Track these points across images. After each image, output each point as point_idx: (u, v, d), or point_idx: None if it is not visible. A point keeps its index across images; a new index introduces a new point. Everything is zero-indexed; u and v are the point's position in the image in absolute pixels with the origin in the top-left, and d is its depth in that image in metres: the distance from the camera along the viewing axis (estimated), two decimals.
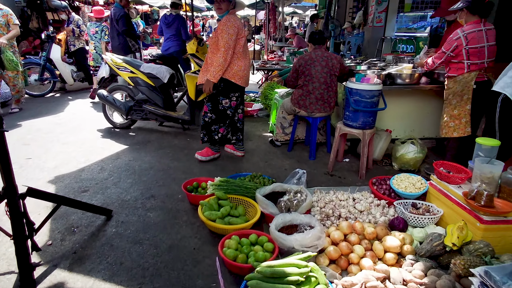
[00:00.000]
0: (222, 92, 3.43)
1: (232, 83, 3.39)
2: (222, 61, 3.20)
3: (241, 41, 3.32)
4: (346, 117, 3.37)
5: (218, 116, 3.52)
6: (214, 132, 3.58)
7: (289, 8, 18.87)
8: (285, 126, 4.16)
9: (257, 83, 8.82)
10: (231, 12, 3.33)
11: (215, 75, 3.24)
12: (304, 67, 3.58)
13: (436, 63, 3.11)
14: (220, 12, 3.29)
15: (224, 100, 3.46)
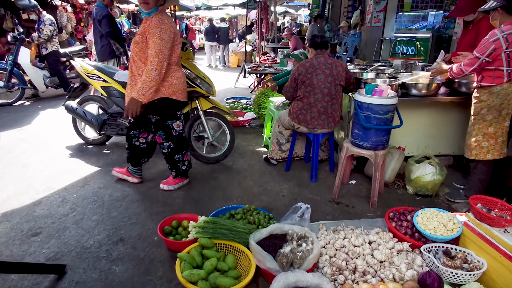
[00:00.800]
0: (168, 114, 2.82)
1: (175, 101, 2.78)
2: (156, 74, 2.51)
3: (177, 48, 2.71)
4: (354, 136, 2.86)
5: (176, 143, 2.95)
6: (179, 162, 3.03)
7: (281, 8, 18.37)
8: (282, 143, 3.64)
9: (248, 87, 8.28)
10: (162, 10, 2.64)
11: (145, 93, 2.52)
12: (304, 76, 3.06)
13: (466, 71, 2.59)
14: (147, 7, 2.55)
15: (175, 123, 2.89)
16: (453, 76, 2.71)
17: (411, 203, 3.00)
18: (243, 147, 4.24)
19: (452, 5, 6.84)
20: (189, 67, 3.51)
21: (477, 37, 3.36)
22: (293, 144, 3.51)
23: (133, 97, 2.55)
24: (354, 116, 2.85)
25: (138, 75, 2.64)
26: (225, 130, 3.76)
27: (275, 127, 3.64)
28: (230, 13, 20.16)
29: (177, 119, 2.89)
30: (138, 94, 2.53)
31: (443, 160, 3.51)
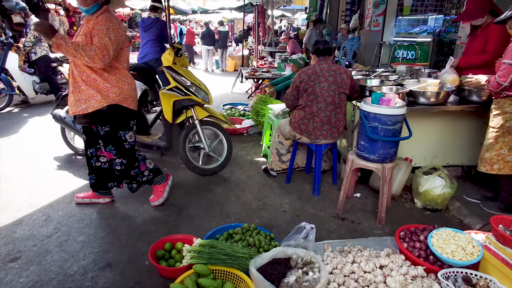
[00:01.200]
0: (120, 124, 2.49)
1: (126, 109, 2.48)
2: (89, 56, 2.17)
3: (126, 52, 2.47)
4: (360, 148, 2.68)
5: (129, 157, 2.61)
6: (138, 176, 2.70)
7: (278, 11, 18.27)
8: (282, 153, 3.45)
9: (246, 92, 8.11)
10: (106, 9, 2.33)
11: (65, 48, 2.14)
12: (306, 83, 2.88)
13: (504, 82, 2.34)
14: (85, 3, 2.25)
15: (128, 134, 2.56)
16: (491, 90, 2.53)
17: (420, 219, 2.83)
18: (241, 157, 4.05)
19: (453, 9, 6.72)
20: (184, 74, 3.32)
21: (486, 42, 3.21)
22: (294, 155, 3.33)
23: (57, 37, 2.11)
24: (360, 126, 2.67)
25: (82, 81, 2.32)
26: (222, 140, 3.57)
27: (274, 137, 3.45)
28: (226, 16, 20.06)
29: (130, 130, 2.57)
30: (61, 41, 2.12)
31: (451, 170, 3.34)
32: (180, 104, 3.35)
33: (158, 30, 5.07)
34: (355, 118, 3.18)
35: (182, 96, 3.32)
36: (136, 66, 4.95)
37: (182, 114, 3.43)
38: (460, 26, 4.71)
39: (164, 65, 3.36)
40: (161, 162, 3.80)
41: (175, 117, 3.43)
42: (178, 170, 3.60)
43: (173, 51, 3.30)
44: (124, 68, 2.48)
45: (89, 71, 2.32)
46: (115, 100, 2.39)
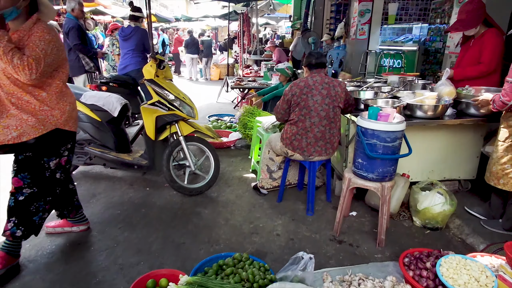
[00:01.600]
0: (48, 150, 2.11)
1: (67, 133, 2.17)
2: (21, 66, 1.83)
3: (65, 68, 2.13)
4: (357, 166, 2.51)
5: (41, 187, 2.14)
6: (35, 214, 2.14)
7: (262, 19, 18.26)
8: (273, 170, 3.26)
9: (232, 102, 7.91)
10: (38, 19, 1.98)
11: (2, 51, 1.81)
12: (298, 97, 2.70)
13: (510, 102, 2.24)
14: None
15: (53, 162, 2.15)
16: (497, 109, 2.41)
17: (421, 239, 2.67)
18: (229, 173, 3.83)
19: (437, 18, 6.74)
20: (167, 87, 3.11)
21: (481, 52, 3.13)
22: (286, 173, 3.14)
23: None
24: (357, 143, 2.51)
25: (11, 104, 1.96)
26: (209, 157, 3.36)
27: (264, 153, 3.26)
28: (210, 24, 19.92)
29: (58, 156, 2.17)
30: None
31: (448, 185, 3.22)
32: (164, 120, 3.13)
33: (139, 39, 4.85)
34: (349, 132, 3.03)
35: (166, 111, 3.10)
36: (117, 77, 4.71)
37: (165, 130, 3.20)
38: (448, 35, 4.65)
39: (145, 78, 3.14)
40: (143, 181, 3.55)
41: (158, 133, 3.21)
42: (162, 190, 3.35)
43: (155, 63, 3.08)
44: (65, 86, 2.16)
45: (20, 92, 1.96)
46: (56, 124, 2.06)
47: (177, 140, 3.20)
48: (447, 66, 4.70)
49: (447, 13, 6.51)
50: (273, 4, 13.33)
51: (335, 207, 3.12)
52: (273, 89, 5.73)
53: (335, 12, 10.33)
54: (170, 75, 3.29)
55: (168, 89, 3.09)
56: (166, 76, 3.25)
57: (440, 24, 6.70)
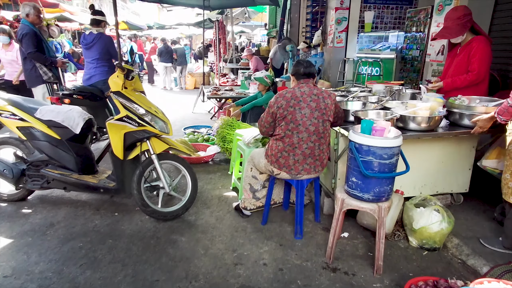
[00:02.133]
0: None
1: None
2: None
3: None
4: (351, 185, 2.28)
5: None
6: None
7: (237, 27, 18.13)
8: (257, 189, 2.98)
9: (208, 112, 7.59)
10: None
11: None
12: (285, 109, 2.45)
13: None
14: None
15: None
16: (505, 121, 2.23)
17: (419, 262, 2.47)
18: (208, 192, 3.52)
19: (413, 27, 6.77)
20: (137, 100, 2.78)
21: (469, 60, 3.02)
22: (271, 192, 2.87)
23: None
24: (350, 160, 2.28)
25: None
26: (186, 176, 3.03)
27: (247, 170, 2.98)
28: (184, 32, 19.57)
29: None
30: None
31: (440, 199, 3.05)
32: (133, 137, 2.79)
33: (103, 47, 4.42)
34: (338, 146, 2.80)
35: (135, 127, 2.76)
36: (82, 89, 4.31)
37: (135, 148, 2.86)
38: (429, 43, 4.59)
39: (112, 90, 2.79)
40: (111, 204, 3.17)
41: (127, 151, 2.85)
42: (132, 215, 2.99)
43: (123, 73, 2.74)
44: None
45: None
46: None
47: (149, 158, 2.86)
48: (429, 74, 4.64)
49: (422, 22, 6.54)
50: (248, 12, 13.23)
51: (325, 228, 2.89)
52: (252, 99, 5.48)
53: (311, 20, 10.29)
54: (140, 87, 2.96)
55: (138, 102, 2.76)
56: (136, 88, 2.91)
57: (416, 32, 6.72)
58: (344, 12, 7.64)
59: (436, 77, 4.49)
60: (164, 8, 13.31)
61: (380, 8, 8.06)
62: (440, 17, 4.38)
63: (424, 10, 6.45)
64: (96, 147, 4.68)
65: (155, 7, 20.42)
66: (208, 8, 8.17)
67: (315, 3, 9.71)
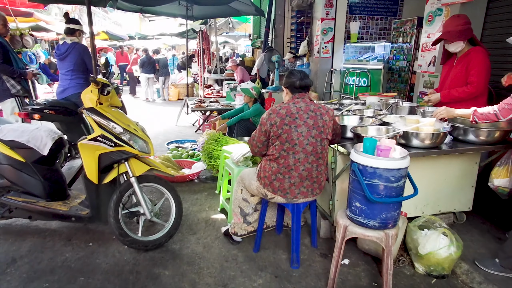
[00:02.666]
0: None
1: None
2: None
3: None
4: (355, 211, 2.06)
5: None
6: None
7: (220, 38, 18.02)
8: (248, 213, 2.71)
9: (193, 125, 7.30)
10: None
11: None
12: (279, 128, 2.22)
13: None
14: None
15: None
16: None
17: None
18: (194, 215, 3.23)
19: (400, 37, 6.74)
20: (114, 118, 2.49)
21: (468, 71, 2.89)
22: (264, 216, 2.61)
23: None
24: (352, 183, 2.06)
25: None
26: (169, 199, 2.75)
27: (236, 192, 2.72)
28: (167, 42, 19.29)
29: None
30: None
31: (443, 218, 2.88)
32: (109, 158, 2.49)
33: (77, 57, 4.08)
34: (336, 165, 2.59)
35: (111, 147, 2.47)
36: (55, 103, 3.97)
37: (112, 170, 2.56)
38: (419, 54, 4.49)
39: (85, 106, 2.50)
40: (85, 233, 2.83)
41: (103, 174, 2.55)
42: (109, 245, 2.67)
43: (97, 88, 2.46)
44: None
45: None
46: None
47: (127, 181, 2.57)
48: (420, 85, 4.53)
49: (409, 33, 6.51)
50: (232, 22, 13.10)
51: (323, 253, 2.65)
52: (239, 111, 5.25)
53: (296, 31, 10.22)
54: (117, 102, 2.67)
55: (114, 120, 2.47)
56: (113, 104, 2.63)
57: (403, 43, 6.69)
58: (330, 23, 7.57)
59: (428, 88, 4.40)
60: (146, 18, 13.03)
61: (366, 19, 8.05)
62: (430, 27, 4.30)
63: (410, 21, 6.43)
64: (71, 165, 4.33)
65: (137, 17, 20.10)
66: (191, 18, 7.95)
67: (300, 14, 9.65)
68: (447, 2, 3.94)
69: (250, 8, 6.71)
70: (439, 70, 4.16)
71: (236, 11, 7.54)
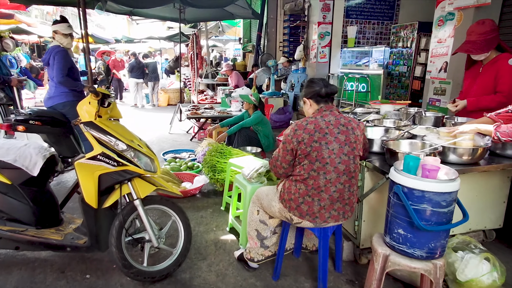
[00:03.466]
0: None
1: None
2: None
3: None
4: (397, 239, 1.82)
5: None
6: None
7: (210, 41, 17.74)
8: (265, 236, 2.45)
9: (187, 133, 6.98)
10: None
11: None
12: (308, 145, 1.96)
13: None
14: None
15: None
16: None
17: None
18: (201, 237, 2.94)
19: (399, 42, 6.62)
20: (115, 132, 2.19)
21: (497, 80, 2.71)
22: (285, 241, 2.35)
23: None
24: (394, 207, 1.83)
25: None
26: (177, 222, 2.46)
27: (252, 213, 2.45)
28: (154, 46, 18.84)
29: None
30: None
31: (472, 236, 2.68)
32: (111, 179, 2.19)
33: (58, 62, 3.68)
34: (364, 183, 2.36)
35: (114, 167, 2.16)
36: (41, 113, 3.59)
37: (113, 192, 2.25)
38: (429, 60, 4.34)
39: (82, 120, 2.18)
40: (81, 262, 2.50)
41: (103, 196, 2.24)
42: (109, 276, 2.35)
43: (96, 99, 2.15)
44: None
45: None
46: None
47: (130, 204, 2.26)
48: (430, 92, 4.38)
49: (409, 37, 6.40)
50: (222, 26, 12.83)
51: (349, 280, 2.41)
52: (239, 119, 4.99)
53: (289, 35, 10.05)
54: (118, 114, 2.37)
55: (116, 135, 2.17)
56: (113, 116, 2.33)
57: (403, 47, 6.58)
58: (327, 27, 7.41)
59: (438, 95, 4.25)
60: (133, 21, 12.62)
61: (362, 23, 7.93)
62: (440, 32, 4.16)
63: (410, 26, 6.32)
64: (59, 180, 3.96)
65: (123, 20, 19.59)
66: (183, 21, 7.64)
67: (293, 18, 9.49)
68: (460, 6, 3.80)
69: (247, 11, 6.45)
70: (451, 76, 4.02)
71: (230, 14, 7.28)
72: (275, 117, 7.15)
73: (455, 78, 3.93)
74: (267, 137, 4.76)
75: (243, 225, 2.70)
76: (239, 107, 6.37)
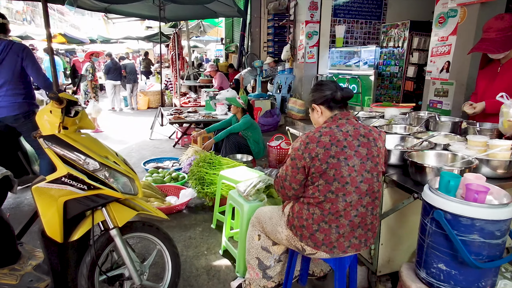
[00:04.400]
0: None
1: None
2: None
3: None
4: (437, 275, 1.50)
5: None
6: None
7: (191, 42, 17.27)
8: (269, 266, 2.08)
9: (169, 138, 6.52)
10: None
11: None
12: (323, 161, 1.61)
13: None
14: None
15: None
16: None
17: None
18: (190, 262, 2.54)
19: (390, 42, 6.42)
20: (85, 148, 1.77)
21: None
22: (293, 271, 2.00)
23: None
24: (432, 236, 1.50)
25: None
26: (162, 251, 2.06)
27: (252, 239, 2.08)
28: (131, 47, 18.17)
29: None
30: None
31: None
32: (80, 206, 1.76)
33: (15, 62, 2.97)
34: (382, 200, 2.03)
35: (83, 191, 1.74)
36: None
37: (84, 220, 1.83)
38: (429, 59, 4.10)
39: (43, 133, 1.75)
40: None
41: (70, 227, 1.81)
42: None
43: (60, 107, 1.72)
44: None
45: None
46: None
47: (106, 234, 1.85)
48: (431, 93, 4.13)
49: (400, 37, 6.20)
50: (203, 26, 12.40)
51: None
52: (226, 124, 4.63)
53: (273, 35, 9.74)
54: (91, 125, 1.95)
55: (86, 151, 1.75)
56: (82, 127, 1.90)
57: (394, 47, 6.38)
58: (315, 26, 7.13)
59: (440, 96, 4.01)
60: (110, 20, 11.99)
61: (350, 23, 7.72)
62: (441, 30, 3.92)
63: (402, 25, 6.13)
64: (14, 202, 3.45)
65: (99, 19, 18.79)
66: (163, 19, 7.18)
67: (277, 17, 9.18)
68: (464, 2, 3.56)
69: (232, 9, 6.08)
70: (454, 77, 3.79)
71: (213, 12, 6.90)
72: (263, 120, 6.81)
73: (459, 79, 3.70)
74: (257, 143, 4.41)
75: (240, 248, 2.33)
76: (225, 110, 6.00)
